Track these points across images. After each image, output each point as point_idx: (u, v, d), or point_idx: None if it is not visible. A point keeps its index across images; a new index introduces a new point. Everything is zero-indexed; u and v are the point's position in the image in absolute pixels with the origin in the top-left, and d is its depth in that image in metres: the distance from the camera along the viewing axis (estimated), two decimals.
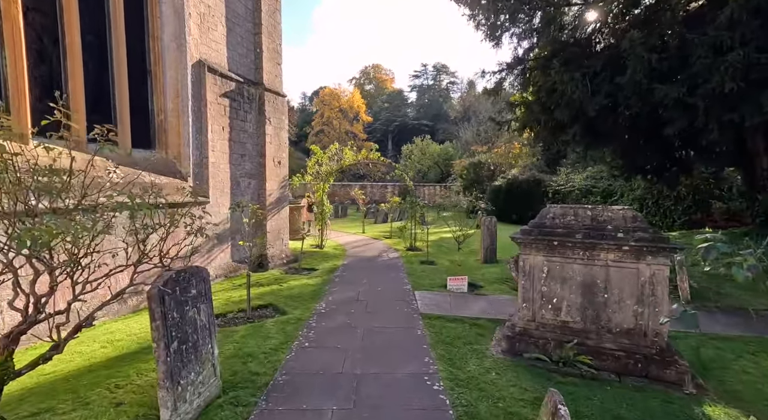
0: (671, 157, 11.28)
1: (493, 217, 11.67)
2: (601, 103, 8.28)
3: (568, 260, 4.64)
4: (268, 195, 9.31)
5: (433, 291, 7.59)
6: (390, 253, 11.87)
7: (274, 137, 9.48)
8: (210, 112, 7.62)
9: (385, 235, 15.69)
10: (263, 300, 6.71)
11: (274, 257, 9.49)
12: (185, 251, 3.89)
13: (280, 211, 9.80)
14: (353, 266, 9.88)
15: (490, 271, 9.48)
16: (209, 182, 7.60)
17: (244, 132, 8.68)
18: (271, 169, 9.36)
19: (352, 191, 19.82)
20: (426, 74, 67.56)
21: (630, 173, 13.41)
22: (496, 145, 32.33)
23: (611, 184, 19.96)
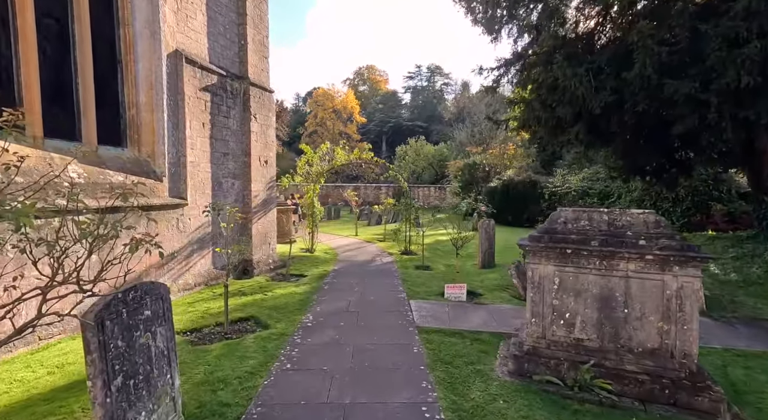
0: (671, 158, 10.87)
1: (491, 219, 11.16)
2: (606, 99, 7.80)
3: (582, 270, 4.12)
4: (254, 196, 8.70)
5: (429, 300, 7.04)
6: (383, 258, 11.31)
7: (260, 135, 8.89)
8: (188, 107, 7.01)
9: (378, 237, 15.13)
10: (245, 312, 6.11)
11: (260, 263, 8.88)
12: (139, 267, 3.25)
13: (267, 213, 9.20)
14: (344, 272, 9.30)
15: (489, 277, 8.95)
16: (187, 183, 6.98)
17: (227, 129, 8.08)
18: (256, 168, 8.76)
19: (345, 192, 19.22)
20: (420, 75, 67.24)
21: (629, 174, 12.97)
22: (491, 146, 31.93)
23: (608, 185, 19.61)
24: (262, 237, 9.03)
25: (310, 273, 9.07)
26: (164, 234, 6.56)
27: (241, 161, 8.53)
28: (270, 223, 9.35)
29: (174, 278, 6.82)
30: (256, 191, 8.79)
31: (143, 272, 6.12)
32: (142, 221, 5.98)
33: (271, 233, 9.40)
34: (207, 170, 7.57)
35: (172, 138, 6.72)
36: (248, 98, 8.48)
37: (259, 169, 8.88)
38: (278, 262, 9.46)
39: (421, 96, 65.03)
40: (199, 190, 7.38)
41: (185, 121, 6.90)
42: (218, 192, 7.90)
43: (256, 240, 8.80)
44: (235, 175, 8.35)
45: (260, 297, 6.92)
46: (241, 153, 8.53)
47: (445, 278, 8.89)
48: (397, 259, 11.13)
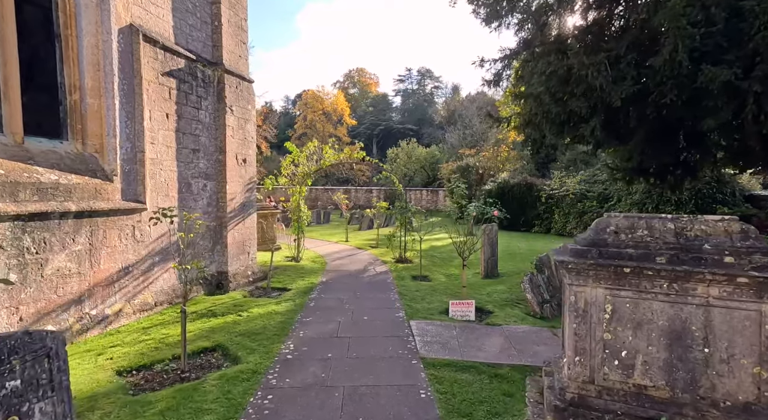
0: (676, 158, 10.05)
1: (494, 224, 10.18)
2: (628, 90, 6.88)
3: (644, 295, 3.12)
4: (230, 199, 7.57)
5: (432, 319, 5.99)
6: (377, 266, 10.23)
7: (238, 130, 7.76)
8: (148, 94, 5.88)
9: (371, 243, 14.05)
10: (211, 339, 4.98)
11: (237, 275, 7.73)
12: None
13: (246, 218, 8.06)
14: (334, 285, 8.20)
15: (496, 290, 7.95)
16: (146, 183, 5.83)
17: (197, 122, 6.94)
18: (233, 168, 7.63)
19: (335, 195, 18.13)
20: (410, 78, 66.52)
21: (632, 176, 12.11)
22: (484, 148, 31.16)
23: (606, 188, 18.89)
24: (239, 246, 7.89)
25: (295, 286, 7.95)
26: (115, 245, 5.40)
27: (215, 159, 7.40)
28: (249, 230, 8.21)
29: (129, 297, 5.64)
30: (233, 193, 7.66)
31: (84, 293, 4.95)
32: (83, 230, 4.85)
33: (250, 241, 8.26)
34: (172, 169, 6.43)
35: (126, 130, 5.58)
36: (223, 87, 7.36)
37: (236, 169, 7.75)
38: (258, 273, 8.31)
39: (411, 99, 64.25)
40: (162, 192, 6.23)
41: (143, 111, 5.76)
42: (186, 195, 6.75)
43: (232, 249, 7.66)
44: (207, 176, 7.21)
45: (233, 319, 5.78)
46: (215, 150, 7.39)
47: (447, 291, 7.86)
48: (392, 268, 10.06)
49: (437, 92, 66.22)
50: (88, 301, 5.01)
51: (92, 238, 5.04)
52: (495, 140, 34.95)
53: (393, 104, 64.92)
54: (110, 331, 5.19)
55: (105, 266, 5.25)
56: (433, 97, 65.01)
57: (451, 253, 12.77)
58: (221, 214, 7.49)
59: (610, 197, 18.20)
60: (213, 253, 7.40)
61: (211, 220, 7.33)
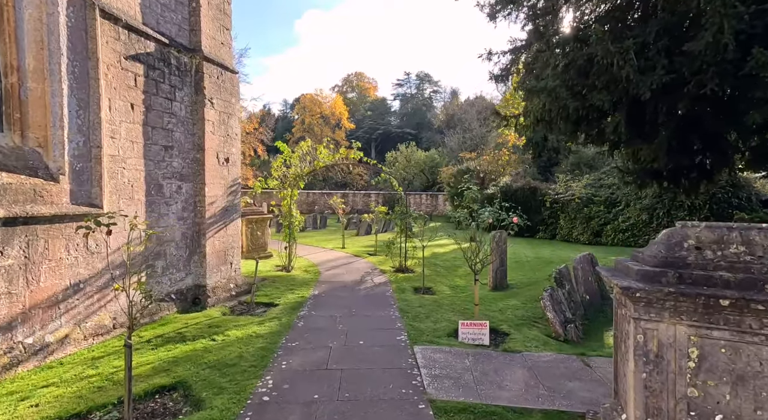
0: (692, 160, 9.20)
1: (503, 231, 9.27)
2: (659, 81, 6.02)
3: (749, 338, 2.21)
4: (209, 204, 6.64)
5: (440, 344, 5.07)
6: (375, 277, 9.30)
7: (219, 125, 6.86)
8: (107, 80, 4.97)
9: (368, 250, 13.12)
10: (172, 374, 4.04)
11: (217, 289, 6.78)
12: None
13: (228, 225, 7.14)
14: (327, 299, 7.26)
15: (509, 305, 7.03)
16: (103, 184, 4.91)
17: (170, 115, 6.04)
18: (213, 168, 6.72)
19: (331, 199, 17.22)
20: (409, 83, 65.81)
21: (645, 179, 11.26)
22: (485, 152, 30.36)
23: (614, 192, 18.04)
24: (220, 255, 6.95)
25: (283, 301, 7.01)
26: (61, 258, 4.47)
27: (192, 158, 6.49)
28: (232, 238, 7.28)
29: (79, 320, 4.70)
30: (213, 197, 6.74)
31: (16, 318, 4.01)
32: (15, 240, 3.92)
33: (234, 250, 7.32)
34: (138, 168, 5.51)
35: (77, 120, 4.66)
36: (201, 77, 6.47)
37: (217, 169, 6.84)
38: (243, 286, 7.37)
39: (410, 103, 63.55)
40: (125, 194, 5.31)
41: (101, 99, 4.86)
42: (156, 198, 5.82)
43: (211, 259, 6.72)
44: (182, 176, 6.29)
45: (204, 345, 4.83)
46: (192, 147, 6.48)
47: (453, 307, 6.94)
48: (392, 279, 9.13)
49: (436, 96, 65.63)
50: (22, 328, 4.07)
51: (29, 249, 4.11)
52: (495, 144, 34.25)
53: (391, 108, 64.23)
54: (50, 362, 4.24)
55: (47, 284, 4.31)
56: (431, 101, 64.37)
57: (454, 261, 11.86)
58: (199, 220, 6.57)
59: (617, 202, 17.35)
60: (189, 264, 6.47)
61: (187, 226, 6.41)
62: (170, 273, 6.09)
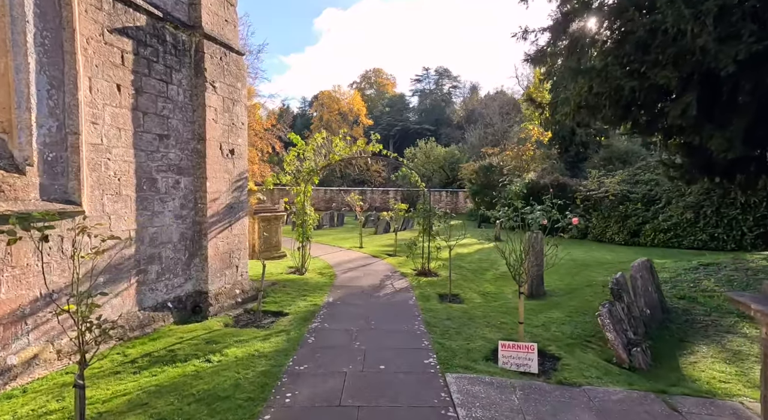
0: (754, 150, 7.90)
1: (539, 232, 8.22)
2: (747, 51, 4.88)
3: None
4: (211, 200, 5.88)
5: (477, 370, 4.14)
6: (395, 281, 8.41)
7: (222, 113, 6.08)
8: (87, 55, 4.23)
9: (387, 251, 12.24)
10: (150, 410, 3.25)
11: (221, 295, 6.03)
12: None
13: (234, 224, 6.37)
14: (342, 308, 6.42)
15: (551, 318, 6.03)
16: (82, 177, 4.18)
17: (166, 100, 5.28)
18: (216, 160, 5.95)
19: (348, 196, 16.41)
20: (428, 78, 64.36)
21: (694, 174, 9.98)
22: (507, 147, 28.99)
23: (652, 188, 16.58)
24: (224, 258, 6.19)
25: (293, 309, 6.20)
26: (28, 264, 3.75)
27: (191, 149, 5.73)
28: (238, 238, 6.51)
29: (51, 337, 3.99)
30: (215, 193, 5.97)
31: None
32: None
33: (240, 252, 6.55)
34: (127, 159, 4.77)
35: (49, 102, 3.93)
36: (202, 57, 5.69)
37: (221, 162, 6.06)
38: (250, 292, 6.60)
39: (428, 99, 62.16)
40: (110, 189, 4.57)
41: (78, 77, 4.11)
42: (150, 193, 5.08)
43: (214, 263, 5.97)
44: (180, 170, 5.54)
45: (196, 367, 4.05)
46: (192, 137, 5.72)
47: (487, 319, 5.98)
48: (414, 283, 8.23)
49: (455, 92, 64.02)
50: None
51: None
52: (517, 139, 32.76)
53: (410, 104, 63.00)
54: (12, 390, 3.53)
55: (9, 295, 3.60)
56: (450, 96, 62.83)
57: (480, 263, 10.87)
58: (200, 219, 5.81)
59: (656, 199, 15.91)
60: (189, 268, 5.72)
61: (187, 226, 5.66)
62: (166, 278, 5.35)
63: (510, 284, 8.64)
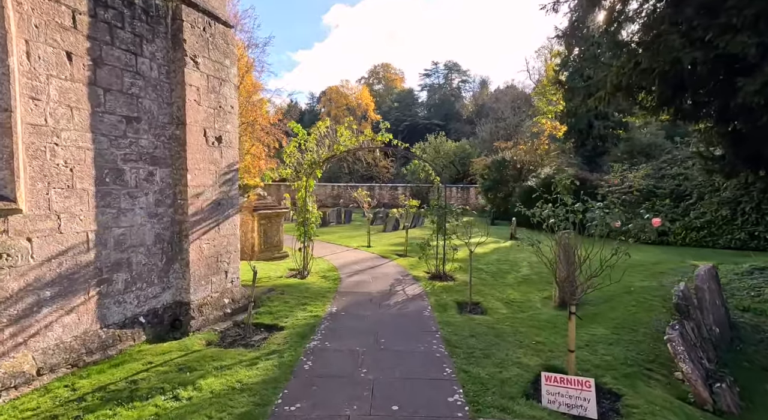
0: None
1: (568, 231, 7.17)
2: None
3: None
4: (194, 195, 4.97)
5: (516, 414, 3.17)
6: (407, 286, 7.45)
7: (207, 94, 5.16)
8: (22, 12, 3.33)
9: (397, 250, 11.28)
10: None
11: (206, 307, 5.13)
12: None
13: (222, 223, 5.46)
14: (346, 321, 5.48)
15: (595, 335, 5.03)
16: (18, 166, 3.30)
17: (135, 75, 4.37)
18: (198, 149, 5.03)
19: (355, 192, 15.48)
20: (437, 73, 62.89)
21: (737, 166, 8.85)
22: (521, 141, 27.77)
23: (680, 183, 15.34)
24: (210, 263, 5.29)
25: (291, 322, 5.29)
26: None
27: (169, 135, 4.82)
28: (228, 239, 5.60)
29: None
30: (199, 187, 5.06)
31: None
32: None
33: (229, 255, 5.65)
34: (82, 145, 3.87)
35: None
36: (180, 27, 4.76)
37: (205, 151, 5.15)
38: (241, 300, 5.69)
39: (437, 94, 60.75)
40: (60, 182, 3.68)
41: (8, 39, 3.21)
42: (114, 187, 4.18)
43: (197, 268, 5.07)
44: (154, 159, 4.63)
45: (156, 411, 3.13)
46: (169, 121, 4.80)
47: (518, 336, 5.00)
48: (428, 289, 7.27)
49: (464, 87, 62.50)
50: None
51: None
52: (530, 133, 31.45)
53: (418, 99, 61.69)
54: None
55: None
56: (460, 91, 61.35)
57: (499, 265, 9.85)
58: (180, 218, 4.91)
59: (686, 195, 14.67)
60: (167, 275, 4.83)
61: (164, 226, 4.76)
62: (138, 288, 4.47)
63: (535, 290, 7.64)
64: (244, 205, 9.78)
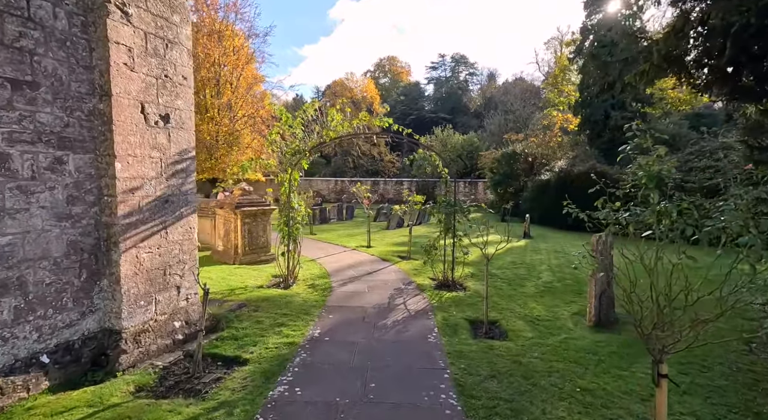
0: None
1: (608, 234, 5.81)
2: None
3: None
4: (126, 191, 3.73)
5: None
6: (409, 298, 6.18)
7: (146, 58, 3.89)
8: None
9: (399, 252, 10.00)
10: None
11: (145, 335, 3.90)
12: None
13: (172, 226, 4.22)
14: (328, 353, 4.22)
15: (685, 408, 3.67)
16: None
17: (26, 23, 3.13)
18: (133, 129, 3.78)
19: (353, 187, 14.21)
20: (444, 65, 60.95)
21: None
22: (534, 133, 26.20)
23: (712, 176, 13.82)
24: (154, 277, 4.05)
25: (257, 353, 4.05)
26: None
27: (88, 110, 3.56)
28: (181, 247, 4.36)
29: None
30: (134, 179, 3.81)
31: None
32: None
33: (183, 266, 4.41)
34: None
35: None
36: None
37: (143, 133, 3.89)
38: (198, 322, 4.45)
39: (444, 87, 58.94)
40: None
41: None
42: None
43: (133, 286, 3.83)
44: (64, 142, 3.39)
45: None
46: (88, 90, 3.55)
47: (553, 375, 3.70)
48: (434, 302, 5.99)
49: (472, 80, 60.60)
50: None
51: None
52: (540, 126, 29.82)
53: (425, 93, 59.92)
54: None
55: None
56: (467, 84, 59.49)
57: (515, 269, 8.54)
58: (108, 220, 3.68)
59: (719, 189, 13.12)
60: (89, 295, 3.61)
61: (80, 231, 3.53)
62: (39, 317, 3.25)
63: (561, 302, 6.32)
64: (227, 201, 8.56)
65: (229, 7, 24.20)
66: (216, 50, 22.49)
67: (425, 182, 25.13)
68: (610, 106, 22.71)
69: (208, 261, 8.47)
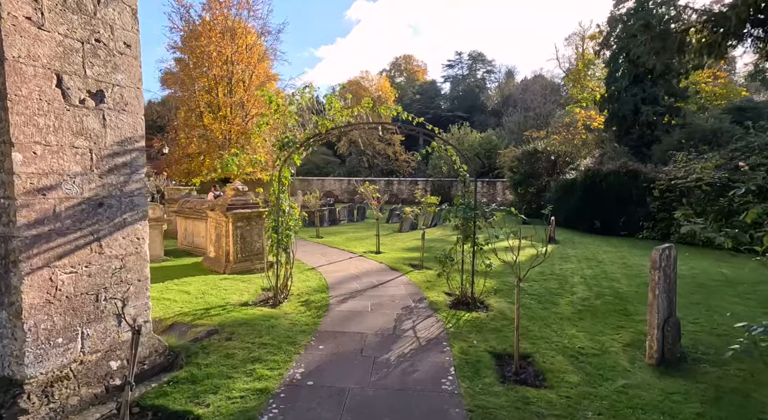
0: None
1: (670, 247, 4.50)
2: None
3: None
4: (30, 191, 2.72)
5: None
6: (420, 321, 5.02)
7: (64, 13, 2.88)
8: None
9: (411, 259, 8.82)
10: None
11: (63, 383, 2.89)
12: None
13: (108, 237, 3.21)
14: (311, 403, 3.11)
15: None
16: None
17: None
18: (43, 108, 2.77)
19: (360, 187, 13.11)
20: (461, 63, 59.15)
21: None
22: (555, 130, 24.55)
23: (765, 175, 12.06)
24: (78, 305, 3.03)
25: (213, 407, 2.98)
26: None
27: None
28: (122, 261, 3.34)
29: None
30: (46, 175, 2.80)
31: None
32: None
33: (126, 288, 3.38)
34: None
35: None
36: None
37: (60, 113, 2.87)
38: (149, 358, 3.42)
39: (461, 85, 57.19)
40: None
41: None
42: None
43: (45, 319, 2.82)
44: None
45: None
46: None
47: None
48: (450, 327, 4.82)
49: (489, 77, 58.64)
50: None
51: None
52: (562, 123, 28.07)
53: (441, 91, 58.34)
54: None
55: None
56: (485, 82, 57.59)
57: (545, 282, 7.27)
58: (5, 230, 2.67)
59: None
60: None
61: None
62: None
63: (606, 327, 5.04)
64: (218, 203, 7.59)
65: (241, 5, 23.53)
66: (228, 48, 21.81)
67: (441, 182, 23.83)
68: (640, 101, 20.89)
69: (196, 269, 7.52)
